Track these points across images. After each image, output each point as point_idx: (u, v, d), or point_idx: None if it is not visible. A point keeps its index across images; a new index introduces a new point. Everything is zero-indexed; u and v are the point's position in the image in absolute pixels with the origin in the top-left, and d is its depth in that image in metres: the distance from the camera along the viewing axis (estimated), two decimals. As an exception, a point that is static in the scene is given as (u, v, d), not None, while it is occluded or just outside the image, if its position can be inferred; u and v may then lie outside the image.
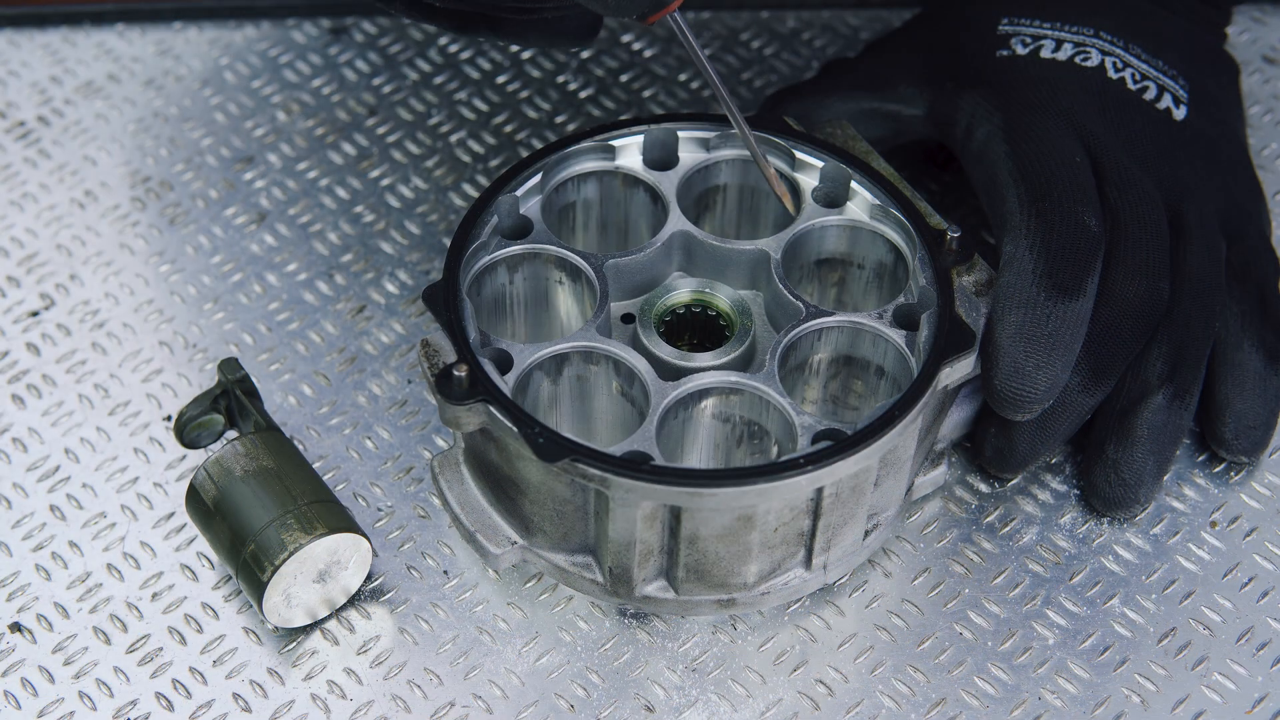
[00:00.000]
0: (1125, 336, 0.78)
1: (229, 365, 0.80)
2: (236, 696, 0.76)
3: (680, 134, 0.81)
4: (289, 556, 0.74)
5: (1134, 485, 0.79)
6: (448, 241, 0.90)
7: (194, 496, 0.77)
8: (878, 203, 0.79)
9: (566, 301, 0.80)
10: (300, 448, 0.83)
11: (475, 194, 0.92)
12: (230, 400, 0.80)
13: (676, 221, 0.79)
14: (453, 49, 0.99)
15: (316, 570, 0.75)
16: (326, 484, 0.78)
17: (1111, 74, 0.84)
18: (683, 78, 0.97)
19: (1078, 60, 0.84)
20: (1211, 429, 0.82)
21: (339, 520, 0.75)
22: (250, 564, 0.74)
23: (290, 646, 0.77)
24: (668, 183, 0.80)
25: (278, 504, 0.75)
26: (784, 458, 0.71)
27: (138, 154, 0.94)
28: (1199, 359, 0.80)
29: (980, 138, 0.82)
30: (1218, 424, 0.81)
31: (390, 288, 0.89)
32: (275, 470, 0.76)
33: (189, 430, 0.79)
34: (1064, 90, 0.83)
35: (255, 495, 0.75)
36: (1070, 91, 0.83)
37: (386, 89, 0.97)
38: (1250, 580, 0.79)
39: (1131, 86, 0.84)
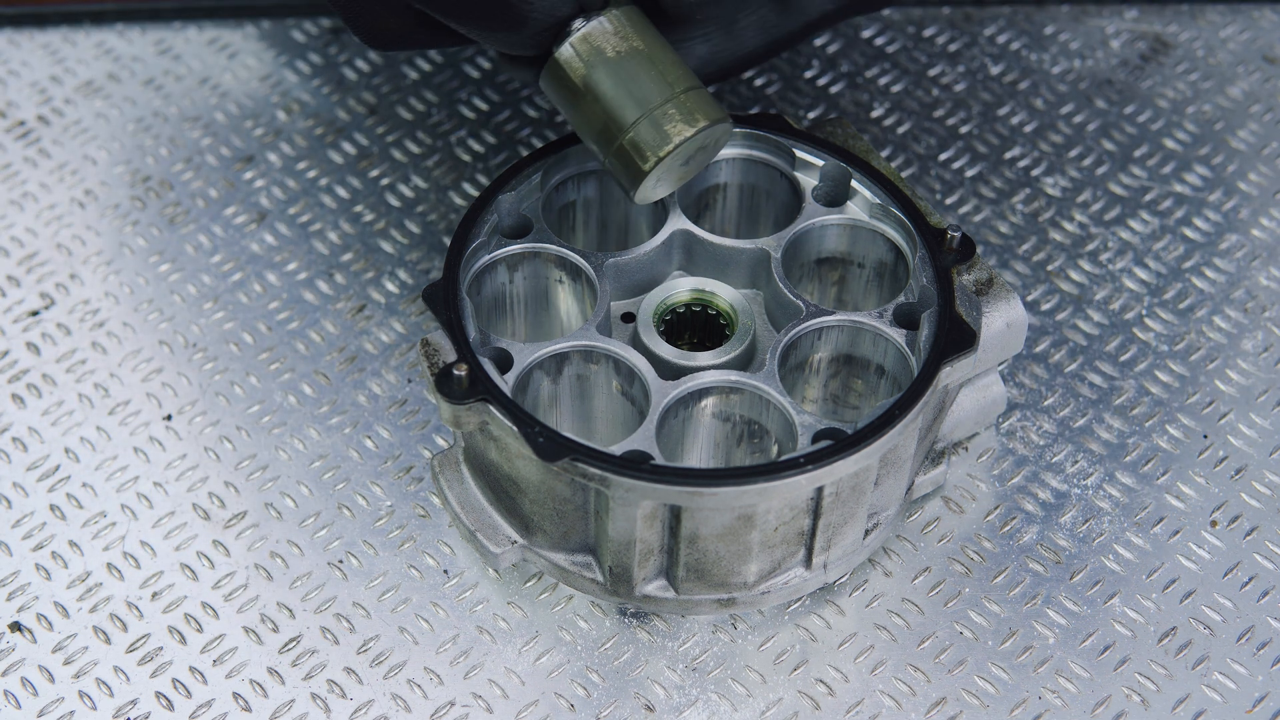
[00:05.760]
0: None
1: None
2: (236, 696, 0.76)
3: (680, 133, 0.81)
4: (674, 149, 0.72)
5: None
6: (448, 240, 0.90)
7: (558, 73, 0.73)
8: (878, 201, 0.79)
9: (566, 300, 0.80)
10: (300, 447, 0.83)
11: (475, 193, 0.92)
12: None
13: (676, 220, 0.79)
14: (452, 48, 0.98)
15: (686, 155, 0.74)
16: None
17: None
18: (683, 77, 0.97)
19: None
20: None
21: (715, 110, 0.73)
22: (629, 150, 0.73)
23: (290, 646, 0.77)
24: (668, 182, 0.81)
25: (657, 91, 0.72)
26: (784, 457, 0.71)
27: (138, 153, 0.94)
28: None
29: None
30: None
31: (390, 287, 0.89)
32: (646, 53, 0.73)
33: None
34: None
35: (632, 79, 0.72)
36: None
37: (386, 89, 0.97)
38: (1250, 580, 0.79)
39: None
